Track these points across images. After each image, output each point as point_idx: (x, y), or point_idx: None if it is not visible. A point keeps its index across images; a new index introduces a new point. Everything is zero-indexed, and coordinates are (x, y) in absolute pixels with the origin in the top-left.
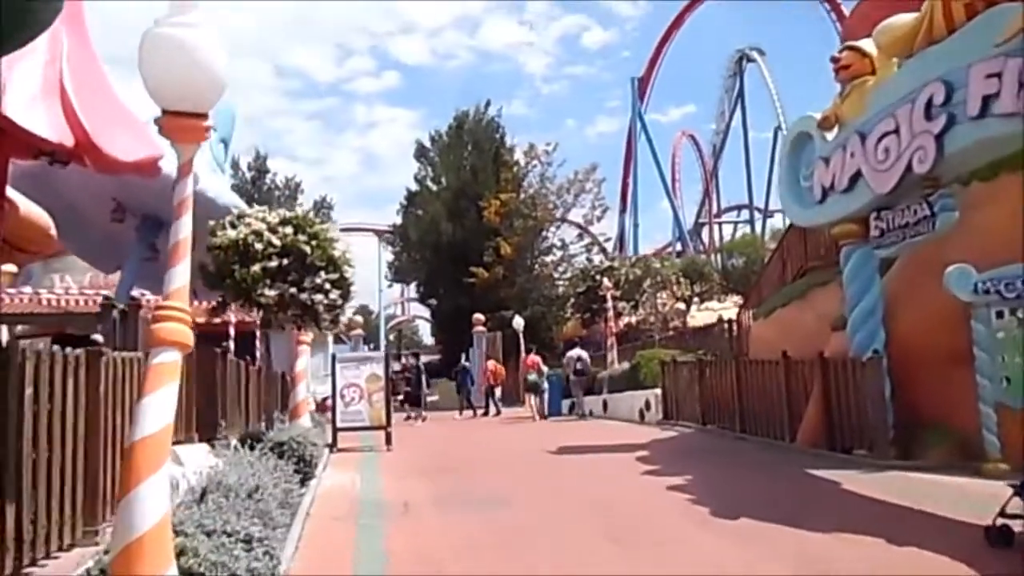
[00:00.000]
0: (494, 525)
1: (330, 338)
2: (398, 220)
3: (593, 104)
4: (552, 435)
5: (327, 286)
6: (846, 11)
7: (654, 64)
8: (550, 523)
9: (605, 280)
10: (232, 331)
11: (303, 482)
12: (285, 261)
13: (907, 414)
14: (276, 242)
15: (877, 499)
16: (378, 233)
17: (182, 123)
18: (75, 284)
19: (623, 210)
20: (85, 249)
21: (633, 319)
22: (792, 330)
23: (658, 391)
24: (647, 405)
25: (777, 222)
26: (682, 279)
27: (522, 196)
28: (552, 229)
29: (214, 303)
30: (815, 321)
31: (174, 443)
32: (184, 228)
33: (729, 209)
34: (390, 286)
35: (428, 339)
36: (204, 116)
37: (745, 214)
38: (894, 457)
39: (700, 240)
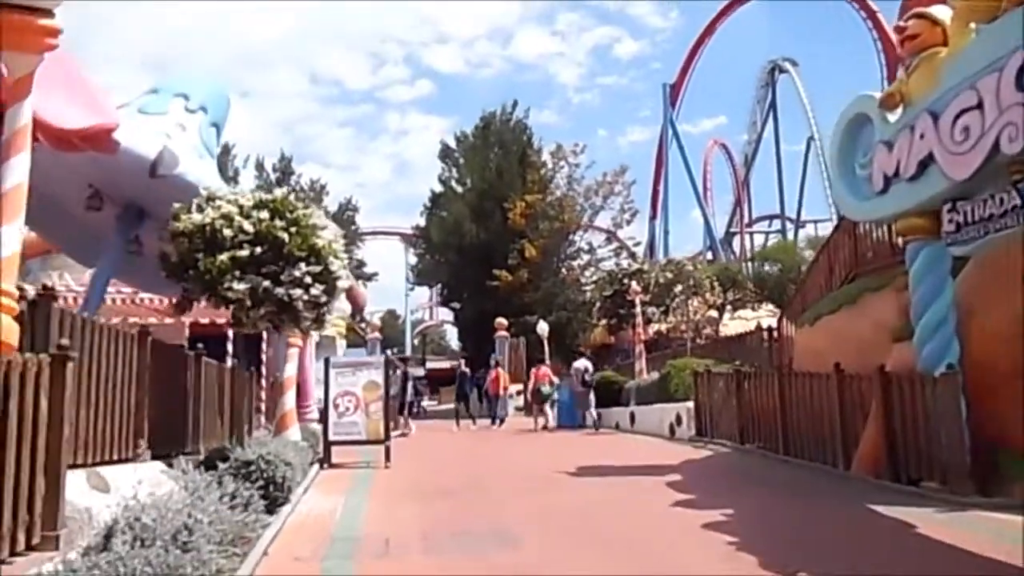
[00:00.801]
0: (492, 573)
1: (340, 341)
2: (422, 222)
3: (624, 114)
4: (570, 451)
5: (308, 280)
6: (883, 20)
7: (686, 70)
8: (561, 573)
9: (634, 284)
10: (231, 333)
11: (272, 510)
12: (259, 250)
13: (986, 440)
14: (248, 228)
15: (967, 550)
16: (405, 237)
17: (10, 21)
18: (74, 281)
19: (653, 216)
20: (63, 241)
21: (663, 326)
22: (842, 340)
23: (690, 404)
24: (678, 419)
25: (809, 232)
26: (716, 284)
27: (549, 198)
28: (580, 234)
29: (175, 299)
30: (870, 330)
31: (106, 462)
32: (15, 173)
33: (761, 219)
34: (412, 289)
35: (456, 344)
36: (44, 13)
37: (776, 224)
38: (973, 492)
39: (731, 249)
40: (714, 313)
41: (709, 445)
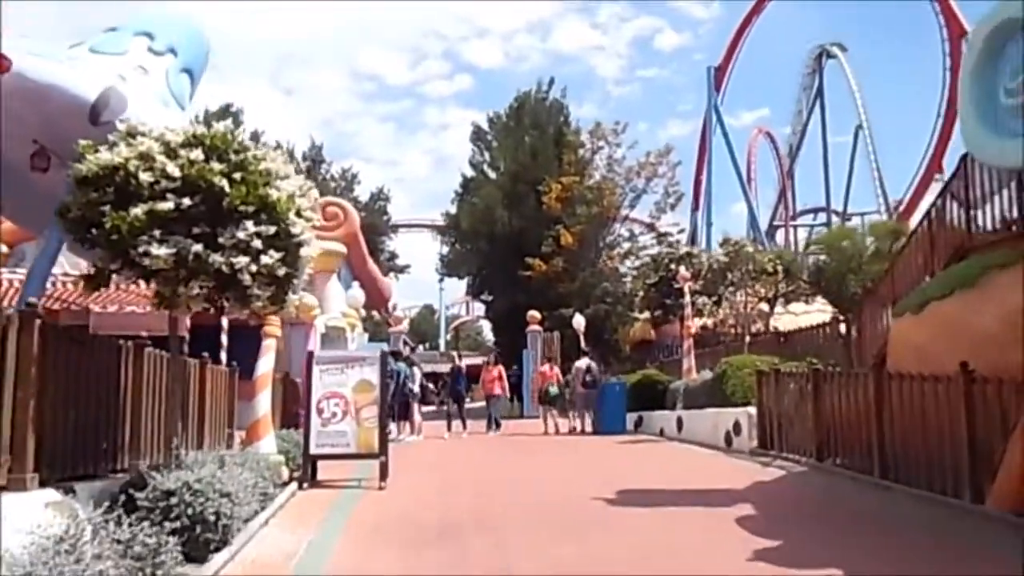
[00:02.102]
0: None
1: (351, 332)
2: (453, 210)
3: (665, 107)
4: (607, 466)
5: (257, 244)
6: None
7: (732, 52)
8: None
9: (682, 269)
10: (225, 323)
11: (201, 557)
12: (187, 202)
13: None
14: (174, 171)
15: None
16: (437, 228)
17: None
18: (69, 265)
19: (695, 208)
20: (11, 208)
21: (708, 320)
22: (957, 331)
23: (751, 410)
24: (736, 428)
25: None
26: (779, 267)
27: (588, 182)
28: (619, 224)
29: (87, 272)
30: (996, 319)
31: None
32: None
33: (805, 212)
34: (442, 280)
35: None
36: None
37: (821, 217)
38: None
39: (775, 243)
40: (764, 306)
41: (777, 461)
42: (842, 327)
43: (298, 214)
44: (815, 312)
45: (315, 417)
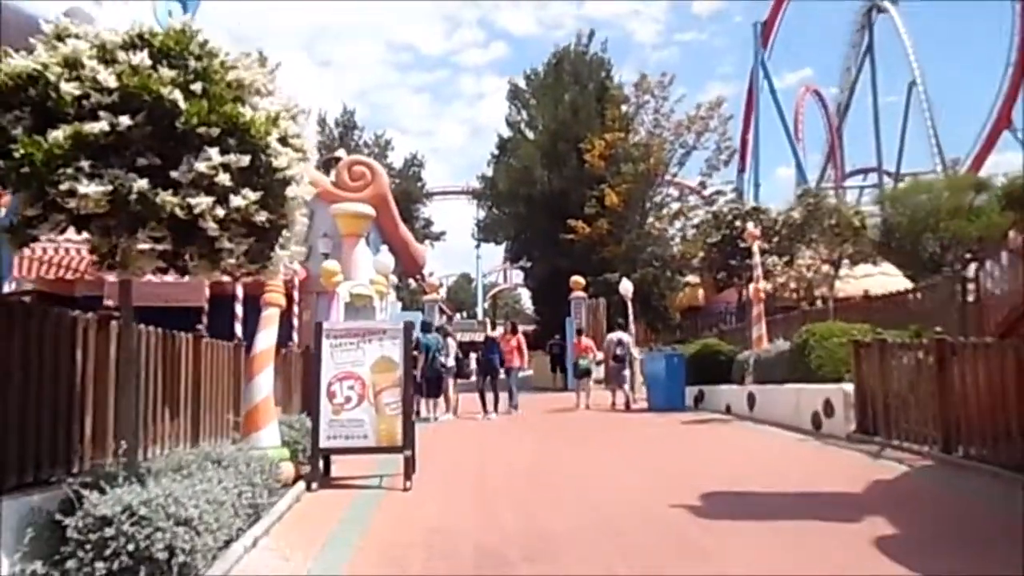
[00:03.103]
0: None
1: (380, 301)
2: (489, 172)
3: (704, 71)
4: (677, 456)
5: (224, 177)
6: None
7: (779, 7)
8: None
9: (750, 225)
10: (240, 292)
11: None
12: (126, 121)
13: None
14: (109, 81)
15: None
16: (473, 193)
17: None
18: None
19: (742, 169)
20: None
21: (768, 285)
22: None
23: (847, 387)
24: (827, 408)
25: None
26: (865, 222)
27: (633, 138)
28: (667, 181)
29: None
30: None
31: None
32: None
33: (854, 173)
34: (478, 246)
35: (530, 308)
36: None
37: (871, 178)
38: None
39: None
40: (827, 268)
41: (887, 450)
42: (957, 287)
43: (283, 142)
44: (878, 275)
45: (325, 403)
